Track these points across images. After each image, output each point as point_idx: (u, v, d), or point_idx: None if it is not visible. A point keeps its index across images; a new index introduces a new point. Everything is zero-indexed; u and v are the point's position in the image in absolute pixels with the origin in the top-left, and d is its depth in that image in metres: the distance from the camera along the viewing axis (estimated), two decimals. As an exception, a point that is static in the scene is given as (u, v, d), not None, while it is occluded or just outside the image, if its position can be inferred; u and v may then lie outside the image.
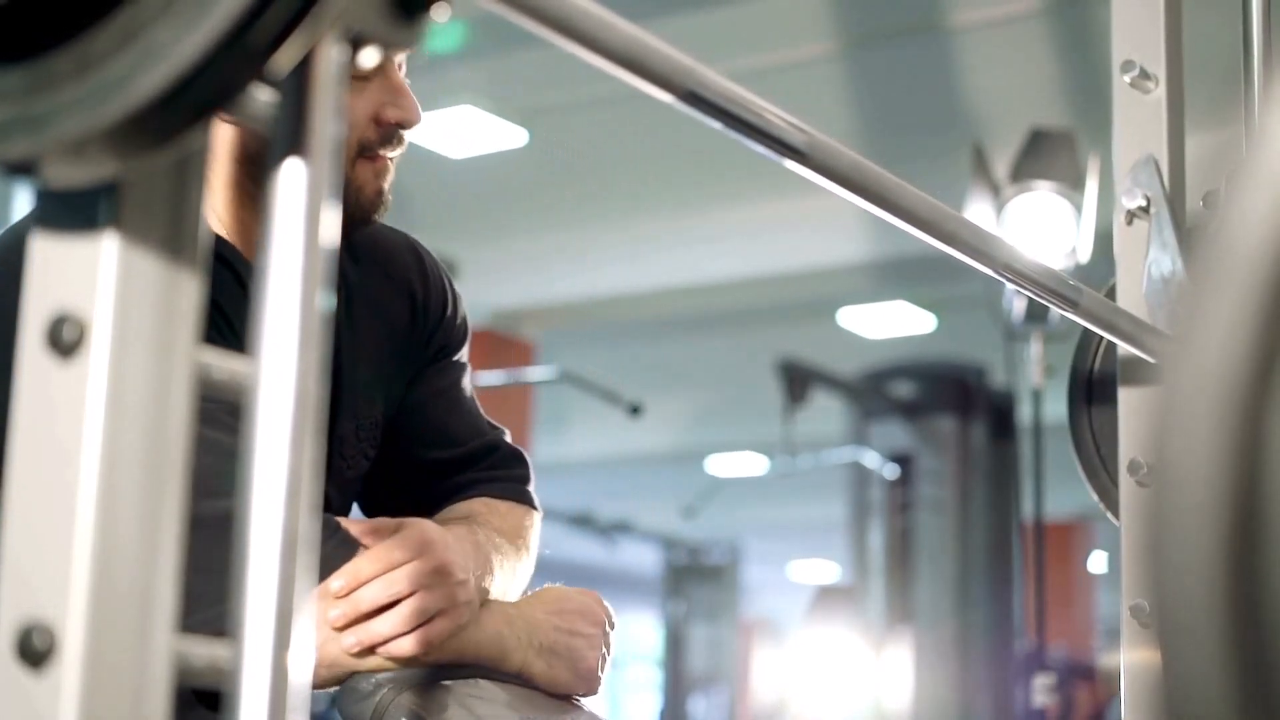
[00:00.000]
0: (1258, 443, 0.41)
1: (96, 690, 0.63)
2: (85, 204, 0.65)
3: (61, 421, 0.65)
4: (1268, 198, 0.44)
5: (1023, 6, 5.39)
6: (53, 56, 0.62)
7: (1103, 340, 1.68)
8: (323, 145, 0.65)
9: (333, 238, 0.67)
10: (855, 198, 1.07)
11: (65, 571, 0.63)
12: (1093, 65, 5.40)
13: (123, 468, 0.65)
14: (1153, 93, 1.60)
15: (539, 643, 1.47)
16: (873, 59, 5.87)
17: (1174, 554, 0.40)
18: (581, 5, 0.80)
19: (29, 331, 0.66)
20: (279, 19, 0.59)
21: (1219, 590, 0.40)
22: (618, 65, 0.84)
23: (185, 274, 0.67)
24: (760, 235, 7.53)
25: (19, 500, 0.65)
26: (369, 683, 1.41)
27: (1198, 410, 0.41)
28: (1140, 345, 1.43)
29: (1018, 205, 5.06)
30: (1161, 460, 0.42)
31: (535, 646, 1.47)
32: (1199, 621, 0.40)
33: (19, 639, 0.63)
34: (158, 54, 0.59)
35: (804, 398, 7.31)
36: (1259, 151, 0.45)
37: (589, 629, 1.50)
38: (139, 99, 0.59)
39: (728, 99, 0.92)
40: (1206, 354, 0.42)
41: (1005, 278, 1.27)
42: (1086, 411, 1.72)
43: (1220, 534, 0.40)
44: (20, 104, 0.62)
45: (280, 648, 0.64)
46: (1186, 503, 0.41)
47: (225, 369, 0.68)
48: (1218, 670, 0.39)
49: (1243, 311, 0.42)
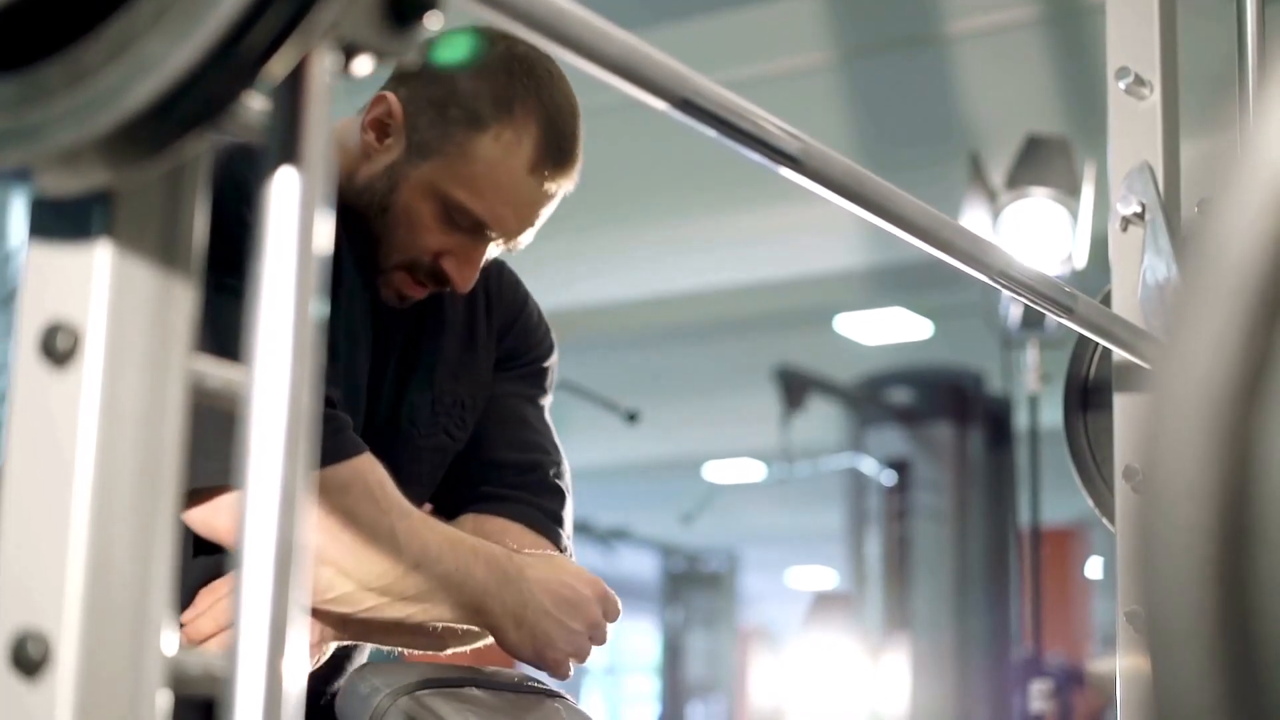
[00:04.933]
0: (1246, 450, 0.41)
1: (91, 699, 0.63)
2: (78, 214, 0.65)
3: (55, 430, 0.65)
4: (1256, 204, 0.44)
5: (1018, 15, 5.39)
6: (45, 68, 0.62)
7: (1098, 347, 1.68)
8: (316, 154, 0.65)
9: (326, 246, 0.67)
10: (851, 205, 1.07)
11: (60, 580, 0.63)
12: (1088, 73, 5.41)
13: (117, 476, 0.65)
14: (1147, 100, 1.60)
15: (517, 615, 1.49)
16: (869, 67, 5.88)
17: (1162, 562, 0.40)
18: (577, 14, 0.80)
19: (23, 340, 0.66)
20: (271, 29, 0.59)
21: (1206, 599, 0.40)
22: (613, 74, 0.84)
23: (179, 283, 0.67)
24: (756, 243, 7.52)
25: (13, 509, 0.65)
26: (366, 686, 1.43)
27: (1186, 417, 0.41)
28: (1135, 351, 1.43)
29: (1014, 212, 5.06)
30: (1151, 467, 0.42)
31: (513, 617, 1.49)
32: (1186, 630, 0.40)
33: (14, 648, 0.63)
34: (149, 65, 0.59)
35: (801, 405, 7.31)
36: (1248, 158, 0.45)
37: (574, 623, 1.51)
38: (131, 110, 0.59)
39: (723, 107, 0.92)
40: (1195, 361, 0.42)
41: (1001, 285, 1.27)
42: (1082, 418, 1.73)
43: (1208, 542, 0.40)
44: (12, 115, 0.62)
45: (275, 656, 0.64)
46: (1175, 510, 0.41)
47: (219, 377, 0.68)
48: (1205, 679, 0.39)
49: (1231, 319, 0.42)
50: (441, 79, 1.58)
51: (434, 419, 1.66)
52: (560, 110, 1.58)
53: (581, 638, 1.52)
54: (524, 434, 1.71)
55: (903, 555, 7.24)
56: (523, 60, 1.58)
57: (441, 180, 1.56)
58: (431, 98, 1.57)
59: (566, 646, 1.51)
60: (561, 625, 1.50)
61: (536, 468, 1.69)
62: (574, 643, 1.51)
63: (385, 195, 1.57)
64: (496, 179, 1.55)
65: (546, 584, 1.51)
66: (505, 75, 1.57)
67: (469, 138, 1.55)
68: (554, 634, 1.50)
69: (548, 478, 1.69)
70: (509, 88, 1.56)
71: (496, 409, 1.71)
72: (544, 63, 1.59)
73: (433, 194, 1.56)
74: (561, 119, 1.58)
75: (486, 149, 1.55)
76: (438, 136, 1.56)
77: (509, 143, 1.55)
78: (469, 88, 1.56)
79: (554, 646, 1.50)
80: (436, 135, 1.56)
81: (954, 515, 7.19)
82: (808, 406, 7.36)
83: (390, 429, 1.61)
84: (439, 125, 1.56)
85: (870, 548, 7.38)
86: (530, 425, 1.73)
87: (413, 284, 1.59)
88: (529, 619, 1.49)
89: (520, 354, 1.75)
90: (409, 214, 1.56)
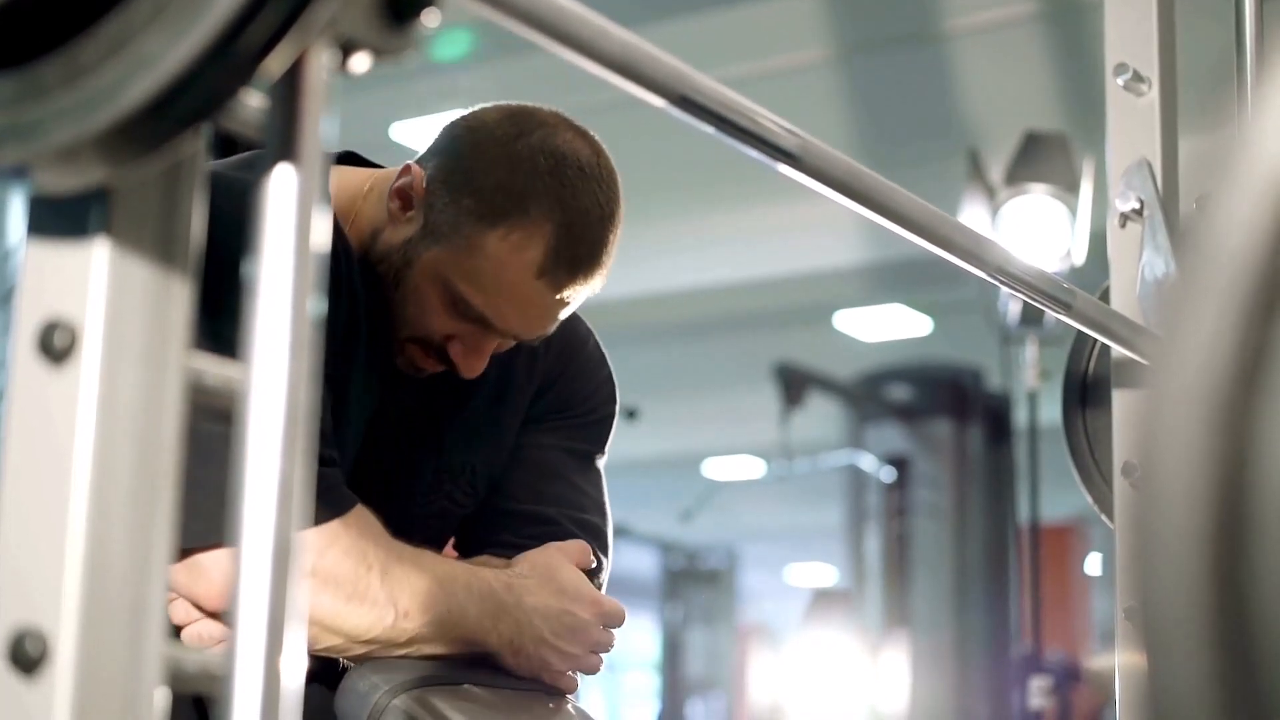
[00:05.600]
0: (1243, 446, 0.41)
1: (89, 696, 0.63)
2: (76, 211, 0.65)
3: (53, 428, 0.65)
4: (1254, 200, 0.44)
5: (1016, 11, 5.39)
6: (42, 65, 0.62)
7: (1097, 343, 1.68)
8: (313, 151, 0.65)
9: (323, 243, 0.67)
10: (849, 202, 1.07)
11: (58, 577, 0.63)
12: (1086, 69, 5.41)
13: (115, 474, 0.65)
14: (1146, 96, 1.60)
15: (514, 644, 1.48)
16: (867, 64, 5.88)
17: (1160, 558, 0.40)
18: (575, 11, 0.80)
19: (20, 338, 0.66)
20: (268, 26, 0.59)
21: (1203, 595, 0.40)
22: (611, 71, 0.84)
23: (177, 280, 0.67)
24: (755, 240, 7.52)
25: (11, 506, 0.65)
26: (365, 683, 1.43)
27: (1183, 413, 0.41)
28: (1134, 348, 1.43)
29: (1012, 208, 5.06)
30: (1148, 464, 0.42)
31: (509, 646, 1.48)
32: (1184, 626, 0.40)
33: (11, 645, 0.63)
34: (147, 63, 0.59)
35: (800, 401, 7.31)
36: (1246, 153, 0.45)
37: (572, 648, 1.50)
38: (128, 107, 0.59)
39: (721, 104, 0.92)
40: (1192, 357, 0.42)
41: (1000, 281, 1.27)
42: (1081, 414, 1.73)
43: (1205, 538, 0.40)
44: (10, 112, 0.62)
45: (272, 653, 0.64)
46: (1172, 506, 0.41)
47: (217, 375, 0.68)
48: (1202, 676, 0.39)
49: (1228, 314, 0.42)
50: (465, 162, 1.50)
51: (437, 485, 1.60)
52: (584, 215, 1.49)
53: (581, 659, 1.51)
54: (553, 487, 1.63)
55: (902, 552, 7.24)
56: (554, 155, 1.49)
57: (448, 269, 1.49)
58: (451, 181, 1.50)
59: (565, 667, 1.50)
60: (559, 651, 1.49)
61: (558, 521, 1.60)
62: (573, 664, 1.51)
63: (399, 270, 1.51)
64: (500, 278, 1.48)
65: (545, 612, 1.49)
66: (528, 170, 1.48)
67: (478, 231, 1.48)
68: (551, 660, 1.49)
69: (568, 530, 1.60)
70: (529, 185, 1.47)
71: (527, 459, 1.64)
72: (579, 159, 1.50)
73: (440, 280, 1.49)
74: (584, 225, 1.49)
75: (493, 246, 1.47)
76: (449, 223, 1.49)
77: (517, 243, 1.47)
78: (488, 179, 1.49)
79: (551, 670, 1.50)
80: (448, 222, 1.49)
81: (953, 512, 7.19)
82: (807, 403, 7.36)
83: (387, 491, 1.55)
84: (452, 212, 1.49)
85: (870, 545, 7.39)
86: (562, 478, 1.64)
87: (425, 358, 1.53)
88: (526, 648, 1.48)
89: (568, 406, 1.66)
90: (419, 294, 1.50)
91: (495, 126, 1.51)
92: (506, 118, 1.52)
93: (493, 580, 1.48)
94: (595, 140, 1.55)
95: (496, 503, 1.63)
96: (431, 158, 1.54)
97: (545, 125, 1.51)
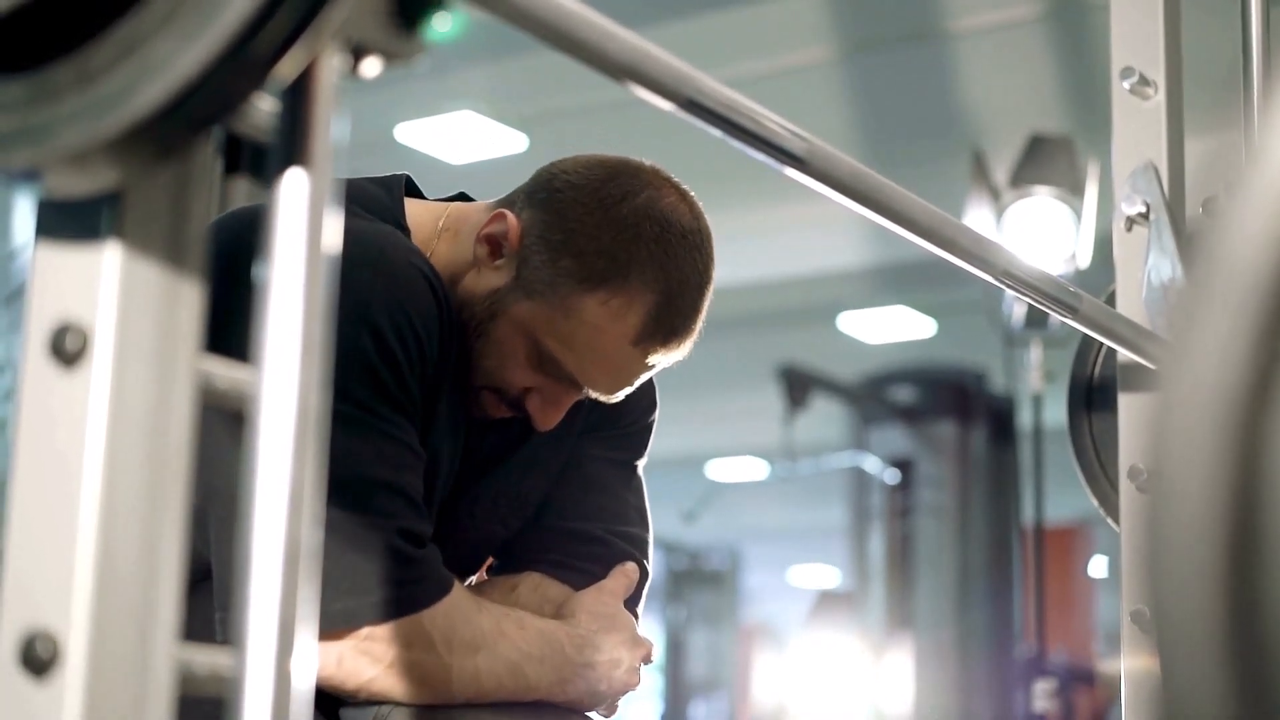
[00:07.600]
0: (1255, 451, 0.41)
1: (99, 699, 0.63)
2: (87, 214, 0.65)
3: (64, 430, 0.65)
4: (1265, 206, 0.44)
5: (1022, 12, 5.39)
6: (54, 68, 0.62)
7: (1102, 346, 1.68)
8: (324, 155, 0.66)
9: (333, 246, 0.67)
10: (855, 205, 1.07)
11: (68, 580, 0.64)
12: (1092, 71, 5.41)
13: (125, 476, 0.65)
14: (1152, 99, 1.60)
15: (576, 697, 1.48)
16: (872, 65, 5.88)
17: (1171, 562, 0.40)
18: (581, 15, 0.80)
19: (31, 340, 0.66)
20: (280, 30, 0.59)
21: (1216, 599, 0.40)
22: (618, 75, 0.84)
23: (187, 283, 0.68)
24: (760, 240, 7.52)
25: (22, 509, 0.65)
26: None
27: (1195, 418, 0.41)
28: (1140, 351, 1.43)
29: (1017, 211, 5.06)
30: (1159, 468, 0.42)
31: (571, 699, 1.48)
32: (1196, 630, 0.40)
33: (22, 647, 0.64)
34: (159, 66, 0.59)
35: (804, 403, 7.31)
36: (1257, 159, 0.45)
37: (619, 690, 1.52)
38: (140, 111, 0.60)
39: (727, 107, 0.92)
40: (1204, 362, 0.42)
41: (1004, 284, 1.27)
42: (1087, 417, 1.73)
43: (1217, 542, 0.40)
44: (22, 115, 0.62)
45: (283, 656, 0.64)
46: (1184, 511, 0.41)
47: (227, 378, 0.69)
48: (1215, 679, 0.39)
49: (1240, 319, 0.42)
50: (567, 222, 1.46)
51: (493, 510, 1.58)
52: (684, 283, 1.46)
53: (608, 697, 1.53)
54: (602, 501, 1.61)
55: (905, 553, 7.24)
56: (658, 220, 1.45)
57: (539, 326, 1.45)
58: (549, 238, 1.45)
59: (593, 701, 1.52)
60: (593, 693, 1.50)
61: (605, 541, 1.59)
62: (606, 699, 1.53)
63: (484, 321, 1.47)
64: (595, 343, 1.45)
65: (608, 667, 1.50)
66: (632, 235, 1.44)
67: (576, 293, 1.44)
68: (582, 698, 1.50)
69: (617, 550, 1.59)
70: (632, 250, 1.44)
71: (578, 474, 1.61)
72: (683, 226, 1.47)
73: (529, 335, 1.46)
74: (683, 293, 1.46)
75: (592, 311, 1.44)
76: (546, 281, 1.45)
77: (617, 310, 1.44)
78: (590, 242, 1.44)
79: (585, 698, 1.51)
80: (545, 279, 1.45)
81: (957, 513, 7.19)
82: (810, 404, 7.36)
83: (443, 514, 1.52)
84: (549, 270, 1.45)
85: (873, 546, 7.38)
86: (608, 490, 1.62)
87: (498, 406, 1.50)
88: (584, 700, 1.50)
89: (617, 419, 1.63)
90: (502, 347, 1.47)
91: (600, 186, 1.47)
92: (610, 178, 1.48)
93: (562, 645, 1.47)
94: (694, 201, 1.52)
95: (544, 519, 1.60)
96: (526, 208, 1.49)
97: (650, 187, 1.48)
